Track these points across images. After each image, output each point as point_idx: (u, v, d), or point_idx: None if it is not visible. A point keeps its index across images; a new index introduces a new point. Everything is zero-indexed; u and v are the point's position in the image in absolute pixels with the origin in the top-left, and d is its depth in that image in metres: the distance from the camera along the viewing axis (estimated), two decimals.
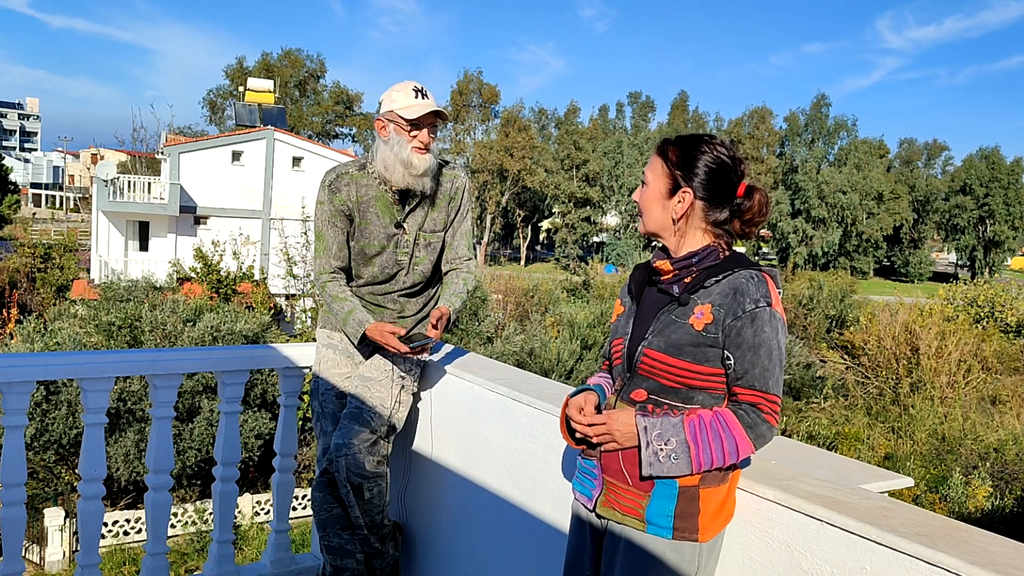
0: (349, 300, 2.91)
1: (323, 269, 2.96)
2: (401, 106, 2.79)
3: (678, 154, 1.84)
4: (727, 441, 1.73)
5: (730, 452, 1.73)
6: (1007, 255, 74.78)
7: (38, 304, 25.20)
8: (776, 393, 1.76)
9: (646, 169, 1.91)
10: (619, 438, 1.80)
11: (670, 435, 1.73)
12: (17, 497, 2.78)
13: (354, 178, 2.91)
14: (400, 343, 2.76)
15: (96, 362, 2.90)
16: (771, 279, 1.79)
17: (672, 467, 1.74)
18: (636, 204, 1.93)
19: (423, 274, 3.00)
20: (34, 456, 11.76)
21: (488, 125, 67.87)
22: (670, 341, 1.78)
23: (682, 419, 1.75)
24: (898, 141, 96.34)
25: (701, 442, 1.73)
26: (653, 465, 1.74)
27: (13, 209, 48.33)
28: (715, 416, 1.75)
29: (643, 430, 1.75)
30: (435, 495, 3.14)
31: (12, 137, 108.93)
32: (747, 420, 1.74)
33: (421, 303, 3.07)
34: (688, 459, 1.73)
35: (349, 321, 2.88)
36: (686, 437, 1.73)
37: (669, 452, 1.73)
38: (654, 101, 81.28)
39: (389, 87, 2.88)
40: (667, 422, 1.75)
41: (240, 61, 64.52)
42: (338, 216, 2.91)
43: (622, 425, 1.79)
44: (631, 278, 2.01)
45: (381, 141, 2.86)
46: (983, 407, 18.03)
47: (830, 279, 33.15)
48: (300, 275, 17.01)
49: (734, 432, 1.73)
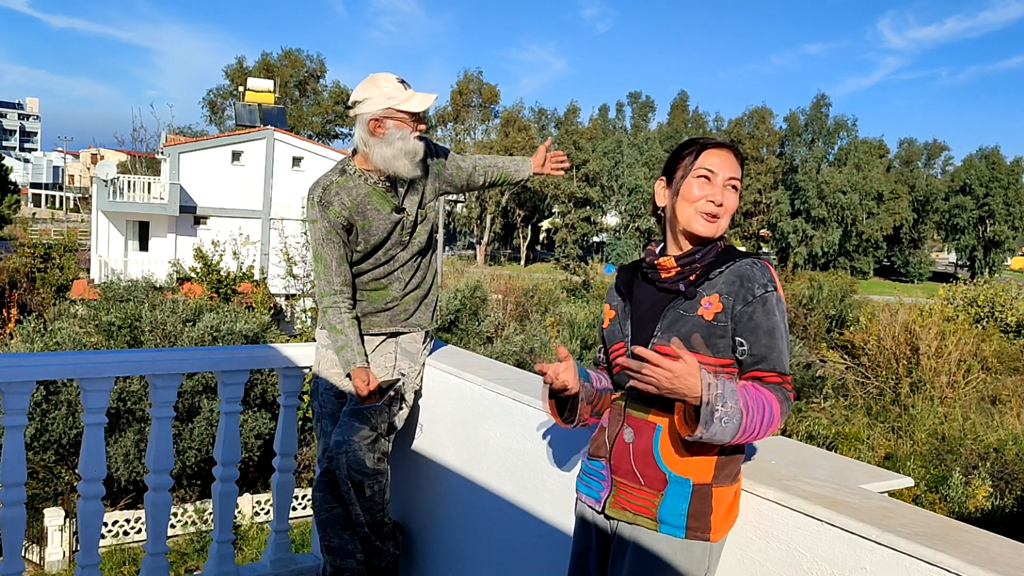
0: (344, 334, 2.90)
1: (323, 292, 2.95)
2: (401, 101, 2.78)
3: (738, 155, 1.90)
4: (767, 412, 1.71)
5: (767, 423, 1.71)
6: (1007, 255, 74.75)
7: (38, 304, 25.20)
8: (790, 373, 1.79)
9: (733, 175, 1.86)
10: (680, 383, 1.66)
11: (728, 397, 1.68)
12: (17, 497, 2.78)
13: (340, 184, 2.89)
14: (366, 391, 2.84)
15: (96, 362, 2.90)
16: (771, 266, 1.83)
17: (721, 431, 1.67)
18: (719, 211, 1.86)
19: (419, 245, 3.04)
20: (34, 456, 11.75)
21: (488, 125, 67.87)
22: (681, 335, 1.78)
23: (735, 383, 1.72)
24: (898, 141, 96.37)
25: (751, 409, 1.69)
26: (708, 424, 1.65)
27: (13, 209, 48.33)
28: (755, 388, 1.73)
29: (707, 386, 1.67)
30: (435, 495, 3.14)
31: (12, 137, 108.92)
32: (779, 395, 1.74)
33: (420, 277, 3.09)
34: (738, 425, 1.67)
35: (340, 356, 2.91)
36: (740, 402, 1.69)
37: (724, 414, 1.66)
38: (654, 101, 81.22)
39: (361, 85, 2.82)
40: (727, 384, 1.69)
41: (240, 61, 64.55)
42: (334, 232, 2.88)
43: (688, 375, 1.67)
44: (618, 280, 2.00)
45: (376, 140, 2.81)
46: (983, 407, 18.03)
47: (830, 279, 33.13)
48: (300, 275, 17.00)
49: (773, 406, 1.73)
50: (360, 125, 2.83)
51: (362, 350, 2.91)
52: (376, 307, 3.02)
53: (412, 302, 3.06)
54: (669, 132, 72.84)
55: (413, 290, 3.05)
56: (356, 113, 2.84)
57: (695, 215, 1.84)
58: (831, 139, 72.33)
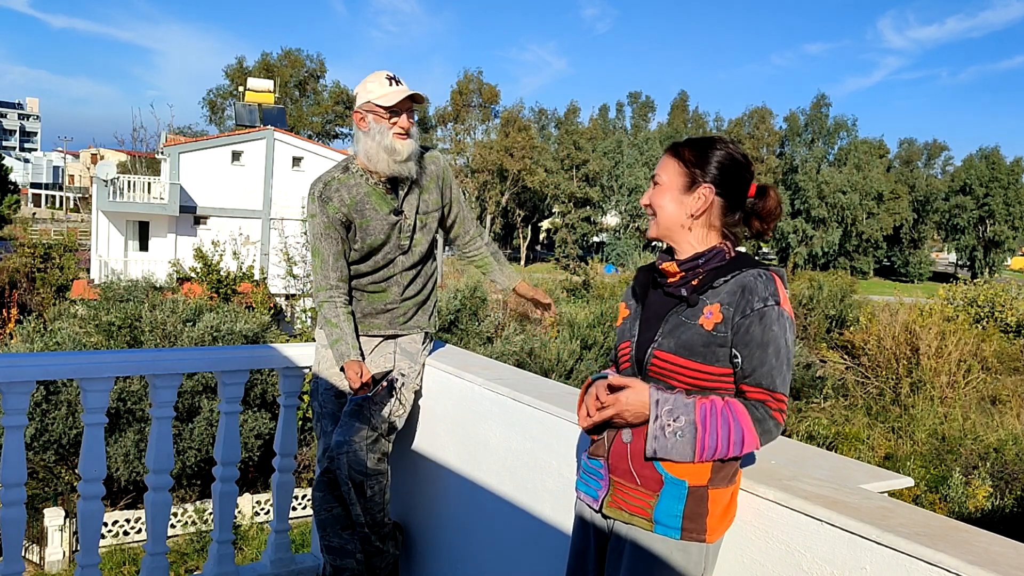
0: (339, 328, 2.91)
1: (320, 286, 2.96)
2: (377, 95, 2.81)
3: (693, 152, 1.86)
4: (735, 431, 1.71)
5: (735, 442, 1.71)
6: (1007, 255, 74.80)
7: (38, 304, 25.19)
8: (783, 392, 1.75)
9: (658, 171, 1.90)
10: (629, 413, 1.76)
11: (680, 413, 1.70)
12: (17, 497, 2.78)
13: (342, 181, 2.91)
14: (359, 383, 2.85)
15: (96, 362, 2.90)
16: (779, 278, 1.80)
17: (675, 445, 1.70)
18: (646, 207, 1.92)
19: (420, 254, 3.04)
20: (34, 456, 11.75)
21: (488, 125, 67.88)
22: (680, 342, 1.78)
23: (695, 400, 1.73)
24: (898, 141, 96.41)
25: (709, 426, 1.70)
26: (658, 439, 1.70)
27: (13, 209, 48.34)
28: (726, 404, 1.73)
29: (655, 403, 1.71)
30: (435, 495, 3.14)
31: (12, 137, 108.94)
32: (756, 414, 1.73)
33: (420, 285, 3.09)
34: (693, 441, 1.70)
35: (334, 349, 2.92)
36: (695, 418, 1.70)
37: (676, 429, 1.69)
38: (654, 101, 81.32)
39: (361, 81, 2.90)
40: (679, 400, 1.72)
41: (240, 61, 64.58)
42: (332, 227, 2.90)
43: (635, 400, 1.75)
44: (635, 281, 2.01)
45: (362, 133, 2.87)
46: (983, 407, 18.02)
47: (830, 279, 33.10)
48: (300, 275, 17.00)
49: (743, 423, 1.71)
50: (353, 120, 2.91)
51: (356, 344, 2.92)
52: (375, 309, 3.03)
53: (411, 307, 3.07)
54: (669, 132, 72.86)
55: (412, 296, 3.07)
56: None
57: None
58: (831, 139, 72.39)
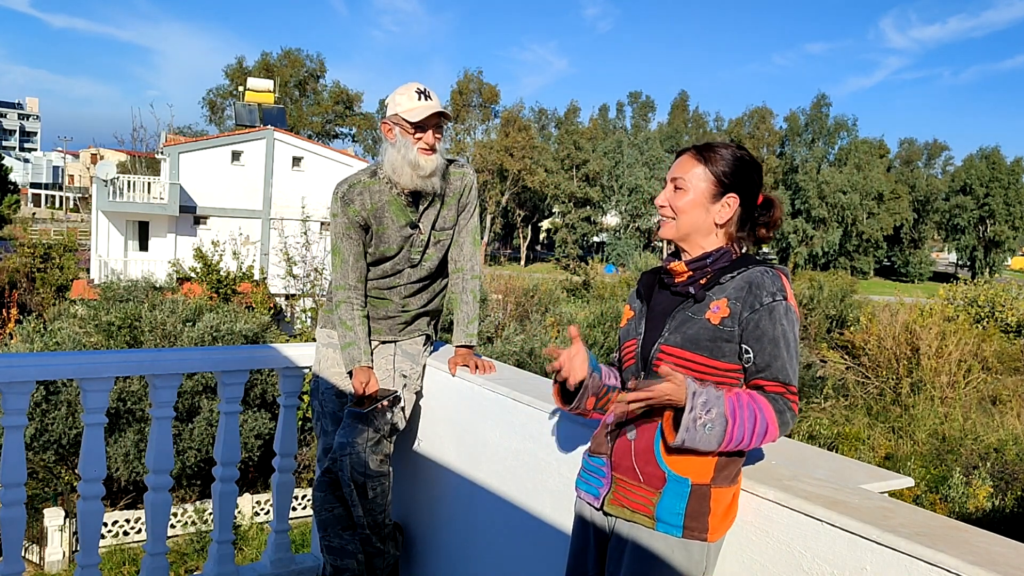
0: (353, 331, 2.91)
1: (339, 285, 2.96)
2: (405, 109, 2.80)
3: (722, 159, 1.87)
4: (760, 422, 1.72)
5: (760, 433, 1.73)
6: (1007, 255, 74.79)
7: (38, 304, 25.19)
8: (796, 385, 1.79)
9: (677, 172, 1.90)
10: (676, 395, 1.70)
11: (712, 405, 1.70)
12: (17, 497, 2.78)
13: (366, 186, 2.91)
14: (362, 391, 2.85)
15: (96, 362, 2.90)
16: (784, 275, 1.83)
17: (704, 437, 1.70)
18: (661, 208, 1.92)
19: (429, 270, 3.03)
20: (34, 456, 11.75)
21: (488, 125, 67.88)
22: (687, 336, 1.80)
23: (724, 392, 1.73)
24: (898, 141, 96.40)
25: (738, 417, 1.71)
26: (689, 430, 1.69)
27: (13, 209, 48.35)
28: (751, 397, 1.74)
29: (691, 395, 1.70)
30: (435, 495, 3.13)
31: (12, 137, 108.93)
32: (777, 406, 1.75)
33: (426, 298, 3.09)
34: (722, 432, 1.70)
35: (345, 352, 2.92)
36: (725, 410, 1.70)
37: (707, 421, 1.69)
38: (654, 101, 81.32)
39: (394, 90, 2.89)
40: (712, 392, 1.72)
41: (240, 61, 64.58)
42: (352, 228, 2.91)
43: (671, 390, 1.71)
44: (639, 283, 2.03)
45: (388, 144, 2.86)
46: (983, 407, 18.02)
47: (830, 279, 33.13)
48: (300, 275, 17.00)
49: (767, 415, 1.73)
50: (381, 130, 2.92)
51: (368, 349, 2.93)
52: (377, 315, 3.04)
53: (411, 318, 3.08)
54: (669, 132, 72.90)
55: (413, 309, 3.07)
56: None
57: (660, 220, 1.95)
58: (831, 139, 72.38)
